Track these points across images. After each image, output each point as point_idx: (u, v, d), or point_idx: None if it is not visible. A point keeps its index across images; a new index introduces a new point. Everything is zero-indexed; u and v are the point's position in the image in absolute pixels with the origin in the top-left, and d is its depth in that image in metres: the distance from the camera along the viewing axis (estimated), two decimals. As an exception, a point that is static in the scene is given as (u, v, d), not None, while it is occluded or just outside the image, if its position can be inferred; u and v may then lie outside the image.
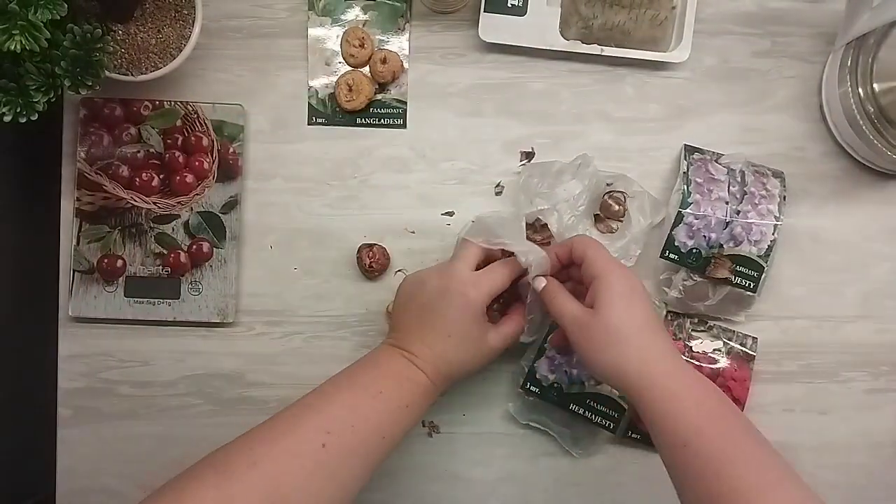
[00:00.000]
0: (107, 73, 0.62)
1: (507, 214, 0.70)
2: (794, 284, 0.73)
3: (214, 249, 0.71)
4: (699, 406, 0.54)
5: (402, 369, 0.60)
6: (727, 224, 0.67)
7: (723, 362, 0.70)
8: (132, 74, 0.66)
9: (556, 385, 0.69)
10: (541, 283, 0.63)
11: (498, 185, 0.73)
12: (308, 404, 0.57)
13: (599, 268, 0.59)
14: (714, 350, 0.70)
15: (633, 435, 0.70)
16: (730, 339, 0.71)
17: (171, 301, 0.71)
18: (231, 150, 0.71)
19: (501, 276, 0.63)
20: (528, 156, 0.73)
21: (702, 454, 0.51)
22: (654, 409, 0.54)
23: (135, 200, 0.71)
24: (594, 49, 0.71)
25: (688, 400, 0.54)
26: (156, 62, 0.67)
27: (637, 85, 0.73)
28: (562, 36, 0.71)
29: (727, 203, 0.68)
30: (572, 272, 0.65)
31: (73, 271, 0.71)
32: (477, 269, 0.64)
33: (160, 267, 0.71)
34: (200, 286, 0.71)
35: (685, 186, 0.68)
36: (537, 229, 0.70)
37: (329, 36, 0.72)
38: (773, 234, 0.67)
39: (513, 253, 0.64)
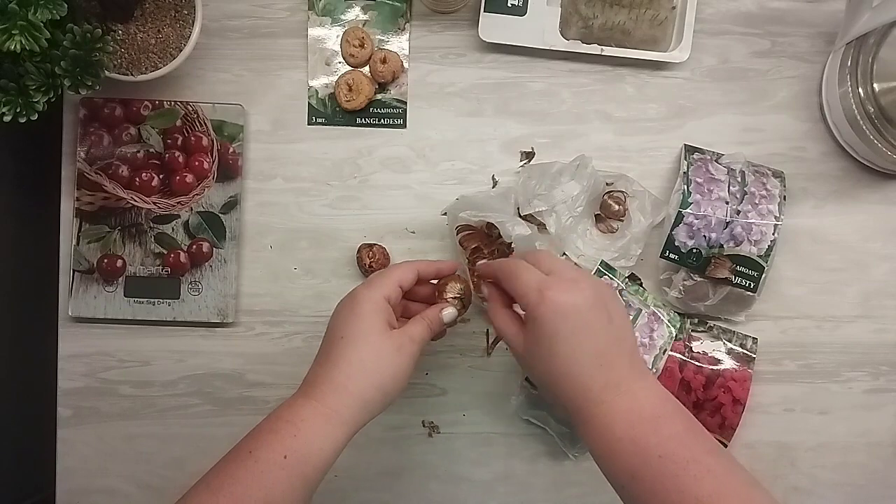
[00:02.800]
0: (107, 73, 0.62)
1: (494, 193, 0.70)
2: (794, 284, 0.73)
3: (214, 249, 0.71)
4: (634, 444, 0.49)
5: (283, 412, 0.52)
6: (727, 224, 0.67)
7: (723, 363, 0.70)
8: (132, 74, 0.66)
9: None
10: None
11: (493, 178, 0.73)
12: (194, 488, 0.51)
13: (524, 304, 0.53)
14: (714, 350, 0.70)
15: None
16: (730, 340, 0.71)
17: (171, 301, 0.71)
18: (231, 150, 0.71)
19: (401, 270, 0.58)
20: (528, 156, 0.73)
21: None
22: (595, 447, 0.51)
23: (135, 200, 0.71)
24: (594, 49, 0.71)
25: (625, 441, 0.50)
26: (156, 62, 0.67)
27: (637, 85, 0.73)
28: (562, 36, 0.71)
29: (727, 203, 0.68)
30: None
31: (73, 271, 0.71)
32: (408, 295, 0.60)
33: (160, 267, 0.71)
34: (200, 286, 0.71)
35: (685, 186, 0.68)
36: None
37: (329, 36, 0.72)
38: (773, 234, 0.67)
39: (498, 229, 0.64)
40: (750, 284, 0.68)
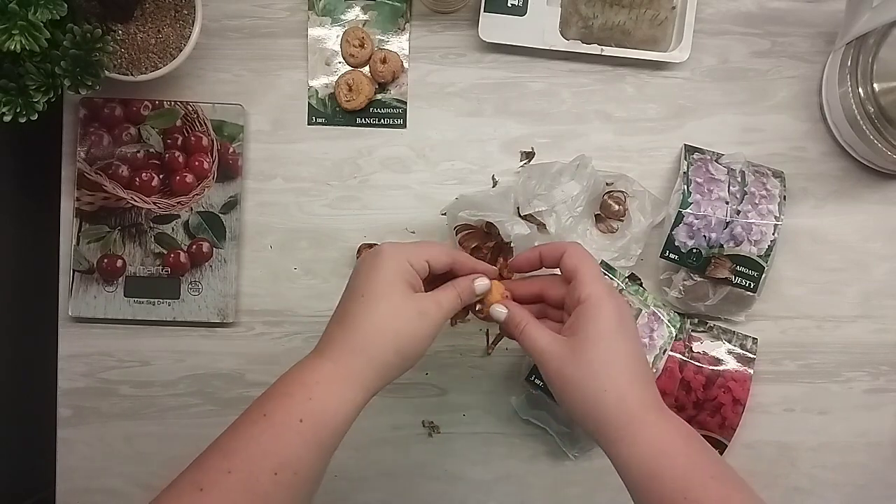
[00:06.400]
0: (107, 73, 0.62)
1: (494, 192, 0.70)
2: (794, 284, 0.73)
3: (214, 249, 0.71)
4: (692, 464, 0.48)
5: (297, 373, 0.50)
6: (727, 224, 0.67)
7: (723, 363, 0.70)
8: (132, 74, 0.66)
9: (556, 384, 0.69)
10: (501, 312, 0.55)
11: (493, 178, 0.73)
12: (196, 459, 0.49)
13: (590, 291, 0.52)
14: (714, 350, 0.70)
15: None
16: (730, 340, 0.71)
17: (171, 301, 0.71)
18: (231, 150, 0.71)
19: (436, 247, 0.55)
20: (528, 156, 0.73)
21: None
22: (637, 465, 0.48)
23: (135, 200, 0.71)
24: (594, 49, 0.71)
25: (679, 457, 0.48)
26: (156, 62, 0.67)
27: (637, 85, 0.73)
28: (562, 36, 0.71)
29: (727, 203, 0.68)
30: (547, 290, 0.58)
31: (73, 271, 0.71)
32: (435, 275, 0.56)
33: (160, 267, 0.71)
34: (200, 286, 0.71)
35: (685, 186, 0.68)
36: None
37: (329, 36, 0.72)
38: (773, 234, 0.67)
39: (497, 228, 0.64)
40: (750, 284, 0.68)
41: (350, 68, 0.72)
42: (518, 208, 0.70)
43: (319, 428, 0.48)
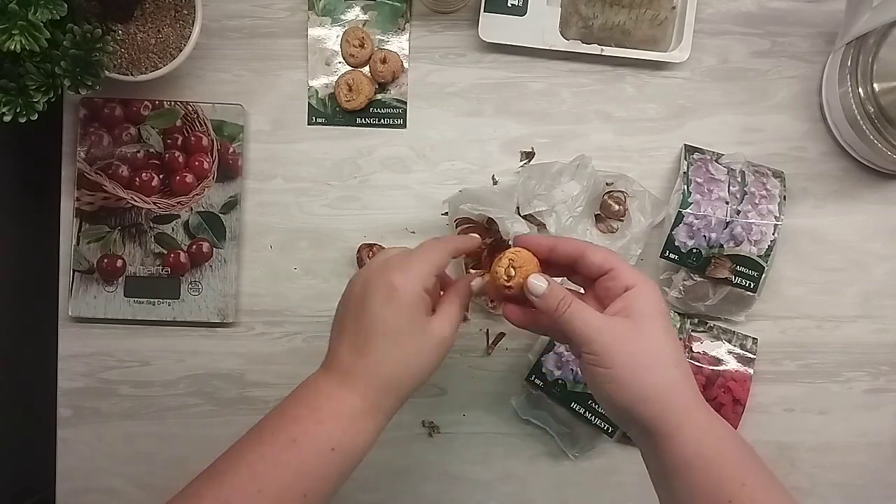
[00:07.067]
0: (107, 73, 0.62)
1: (498, 189, 0.70)
2: (794, 284, 0.73)
3: (214, 249, 0.71)
4: (744, 467, 0.48)
5: (323, 401, 0.50)
6: (727, 224, 0.67)
7: (723, 363, 0.70)
8: (132, 74, 0.66)
9: (560, 381, 0.69)
10: (539, 286, 0.52)
11: (493, 178, 0.73)
12: (214, 471, 0.49)
13: (636, 279, 0.51)
14: (714, 351, 0.70)
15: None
16: (730, 340, 0.71)
17: (170, 301, 0.71)
18: (231, 150, 0.71)
19: (437, 254, 0.53)
20: (528, 156, 0.73)
21: None
22: (695, 452, 0.48)
23: (135, 200, 0.71)
24: (594, 49, 0.71)
25: (730, 456, 0.48)
26: (156, 62, 0.67)
27: (637, 85, 0.73)
28: (562, 36, 0.71)
29: (727, 203, 0.68)
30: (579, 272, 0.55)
31: (73, 271, 0.71)
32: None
33: (160, 267, 0.71)
34: (200, 286, 0.71)
35: (685, 186, 0.68)
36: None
37: (329, 36, 0.72)
38: (773, 234, 0.67)
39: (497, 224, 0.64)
40: (750, 284, 0.68)
41: (350, 68, 0.72)
42: (518, 208, 0.70)
43: (349, 458, 0.50)
